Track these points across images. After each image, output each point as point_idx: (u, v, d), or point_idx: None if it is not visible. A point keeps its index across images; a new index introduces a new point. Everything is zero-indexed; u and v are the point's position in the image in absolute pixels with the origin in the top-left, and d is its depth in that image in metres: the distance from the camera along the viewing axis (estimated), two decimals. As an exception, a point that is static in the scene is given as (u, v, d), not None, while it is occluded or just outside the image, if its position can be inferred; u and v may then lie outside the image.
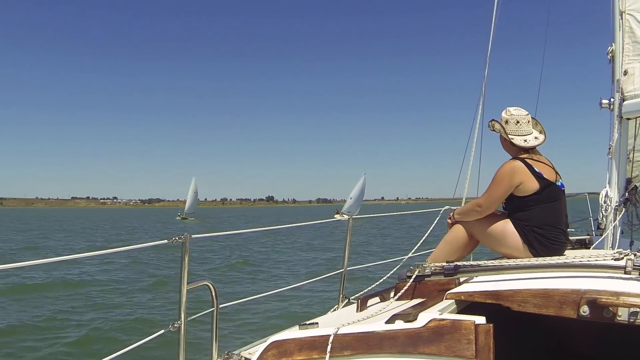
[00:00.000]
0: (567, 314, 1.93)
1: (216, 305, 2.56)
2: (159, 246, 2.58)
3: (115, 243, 27.97)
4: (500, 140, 3.43)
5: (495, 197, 3.19)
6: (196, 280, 2.51)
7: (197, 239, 2.68)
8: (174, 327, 2.42)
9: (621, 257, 2.28)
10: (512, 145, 3.29)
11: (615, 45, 4.57)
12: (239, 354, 2.53)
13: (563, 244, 3.13)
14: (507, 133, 3.28)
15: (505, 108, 3.38)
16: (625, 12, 4.48)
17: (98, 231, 42.50)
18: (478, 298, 2.14)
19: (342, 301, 3.74)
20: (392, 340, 1.77)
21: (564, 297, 1.94)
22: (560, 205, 3.18)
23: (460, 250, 3.31)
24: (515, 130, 3.28)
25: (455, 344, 1.70)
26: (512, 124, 3.29)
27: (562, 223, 3.17)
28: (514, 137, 3.26)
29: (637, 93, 4.36)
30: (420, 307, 2.07)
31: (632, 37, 4.46)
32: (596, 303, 1.86)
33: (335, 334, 1.84)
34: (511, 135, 3.27)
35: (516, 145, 3.26)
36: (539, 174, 3.10)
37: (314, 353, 1.83)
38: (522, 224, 3.09)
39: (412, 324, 1.80)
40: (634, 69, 4.42)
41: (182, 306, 2.42)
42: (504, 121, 3.32)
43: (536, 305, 1.99)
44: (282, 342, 1.93)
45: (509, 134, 3.27)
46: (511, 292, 2.07)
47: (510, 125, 3.29)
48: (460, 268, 2.48)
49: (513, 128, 3.28)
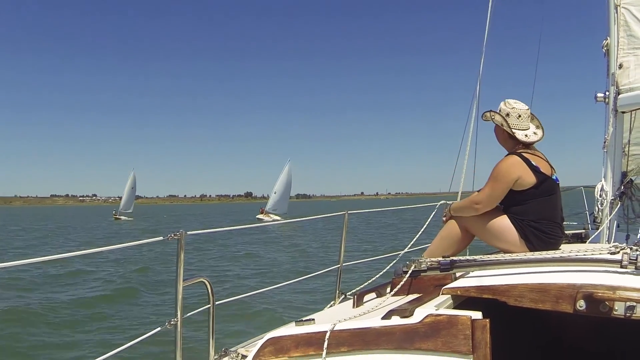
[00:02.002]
0: (564, 309, 1.92)
1: (212, 302, 2.55)
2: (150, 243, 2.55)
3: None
4: (496, 132, 3.36)
5: (495, 195, 3.13)
6: (192, 277, 2.50)
7: (193, 235, 2.67)
8: (170, 325, 2.40)
9: (617, 251, 2.27)
10: (509, 139, 3.25)
11: (610, 38, 4.56)
12: (236, 350, 2.52)
13: (559, 237, 3.13)
14: (510, 126, 3.22)
15: (504, 100, 3.32)
16: (620, 5, 4.48)
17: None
18: (474, 293, 2.13)
19: (338, 297, 3.73)
20: (389, 335, 1.77)
21: (560, 291, 1.94)
22: (556, 199, 3.18)
23: (456, 245, 3.30)
24: (516, 124, 3.22)
25: (452, 340, 1.69)
26: (514, 118, 3.22)
27: (558, 217, 3.16)
28: (517, 132, 3.21)
29: (632, 86, 4.36)
30: (416, 302, 2.07)
31: (627, 31, 4.46)
32: (592, 297, 1.86)
33: (332, 330, 1.83)
34: (513, 129, 3.21)
35: (518, 139, 3.20)
36: (536, 167, 3.08)
37: (311, 349, 1.83)
38: (519, 218, 3.07)
39: (409, 320, 1.79)
40: (628, 62, 4.42)
41: (178, 303, 2.40)
42: (505, 114, 3.24)
43: (532, 300, 1.99)
44: (279, 339, 1.92)
45: (512, 127, 3.21)
46: (507, 286, 2.07)
47: (512, 118, 3.22)
48: (456, 263, 2.48)
49: (515, 122, 3.22)
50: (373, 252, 12.76)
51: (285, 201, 57.59)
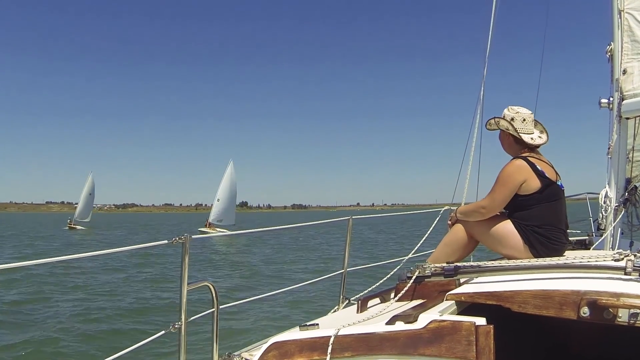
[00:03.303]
0: (567, 315, 1.92)
1: (216, 306, 2.56)
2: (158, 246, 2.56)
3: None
4: (501, 138, 3.38)
5: (501, 199, 3.13)
6: (196, 280, 2.51)
7: (197, 239, 2.69)
8: (174, 328, 2.42)
9: (621, 257, 2.28)
10: (515, 144, 3.27)
11: (614, 44, 4.56)
12: (240, 355, 2.53)
13: (563, 244, 3.13)
14: (516, 130, 3.24)
15: (508, 106, 3.34)
16: (624, 10, 4.48)
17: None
18: (478, 299, 2.14)
19: (342, 302, 3.74)
20: (393, 341, 1.77)
21: (564, 298, 1.94)
22: (561, 205, 3.17)
23: (460, 251, 3.30)
24: (522, 128, 3.25)
25: (456, 345, 1.70)
26: (519, 122, 3.26)
27: (563, 223, 3.16)
28: (523, 135, 3.23)
29: (636, 92, 4.35)
30: (420, 308, 2.07)
31: (631, 36, 4.46)
32: (596, 304, 1.86)
33: (336, 335, 1.84)
34: (520, 132, 3.23)
35: (525, 142, 3.22)
36: (541, 172, 3.08)
37: (315, 354, 1.83)
38: (523, 223, 3.07)
39: (413, 325, 1.80)
40: (633, 68, 4.41)
41: (182, 307, 2.42)
42: (510, 118, 3.27)
43: (536, 306, 1.99)
44: (283, 343, 1.93)
45: (518, 131, 3.23)
46: (511, 293, 2.07)
47: (517, 122, 3.26)
48: (460, 269, 2.48)
49: (520, 125, 3.25)
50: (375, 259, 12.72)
51: (232, 211, 49.32)
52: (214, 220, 46.86)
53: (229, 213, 48.32)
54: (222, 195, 48.31)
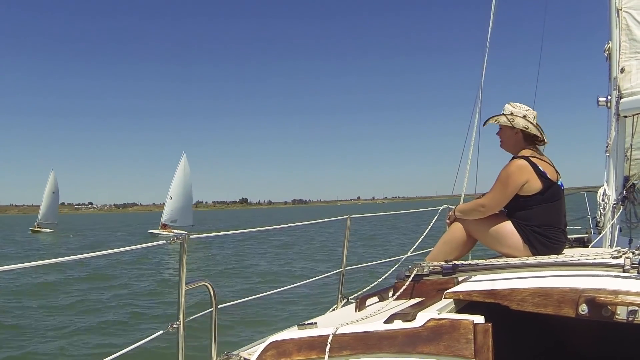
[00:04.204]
0: (566, 313, 1.92)
1: (215, 306, 2.55)
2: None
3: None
4: (506, 135, 3.29)
5: (501, 199, 3.11)
6: (195, 280, 2.50)
7: (196, 239, 2.68)
8: (172, 328, 2.41)
9: (619, 255, 2.28)
10: (522, 141, 3.22)
11: (612, 42, 4.56)
12: (238, 354, 2.52)
13: (563, 243, 3.13)
14: (538, 127, 3.21)
15: (509, 102, 3.30)
16: (622, 9, 4.48)
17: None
18: (476, 297, 2.13)
19: (340, 301, 3.74)
20: (391, 340, 1.77)
21: (563, 295, 1.94)
22: (561, 205, 3.17)
23: (458, 250, 3.29)
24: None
25: (454, 344, 1.69)
26: (531, 118, 3.25)
27: (562, 223, 3.16)
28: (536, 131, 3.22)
29: (634, 90, 4.35)
30: (418, 306, 2.07)
31: (629, 35, 4.46)
32: (595, 302, 1.86)
33: (334, 333, 1.84)
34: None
35: (542, 140, 3.22)
36: (543, 173, 3.07)
37: (313, 353, 1.83)
38: (523, 223, 3.06)
39: (411, 324, 1.80)
40: (630, 66, 4.41)
41: (181, 306, 2.41)
42: (522, 115, 3.22)
43: (535, 304, 1.99)
44: (281, 343, 1.92)
45: (529, 128, 3.19)
46: (509, 291, 2.07)
47: (530, 119, 3.24)
48: (458, 267, 2.48)
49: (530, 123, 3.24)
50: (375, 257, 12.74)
51: (188, 210, 42.99)
52: (167, 220, 41.05)
53: (185, 212, 42.35)
54: (174, 192, 41.92)
